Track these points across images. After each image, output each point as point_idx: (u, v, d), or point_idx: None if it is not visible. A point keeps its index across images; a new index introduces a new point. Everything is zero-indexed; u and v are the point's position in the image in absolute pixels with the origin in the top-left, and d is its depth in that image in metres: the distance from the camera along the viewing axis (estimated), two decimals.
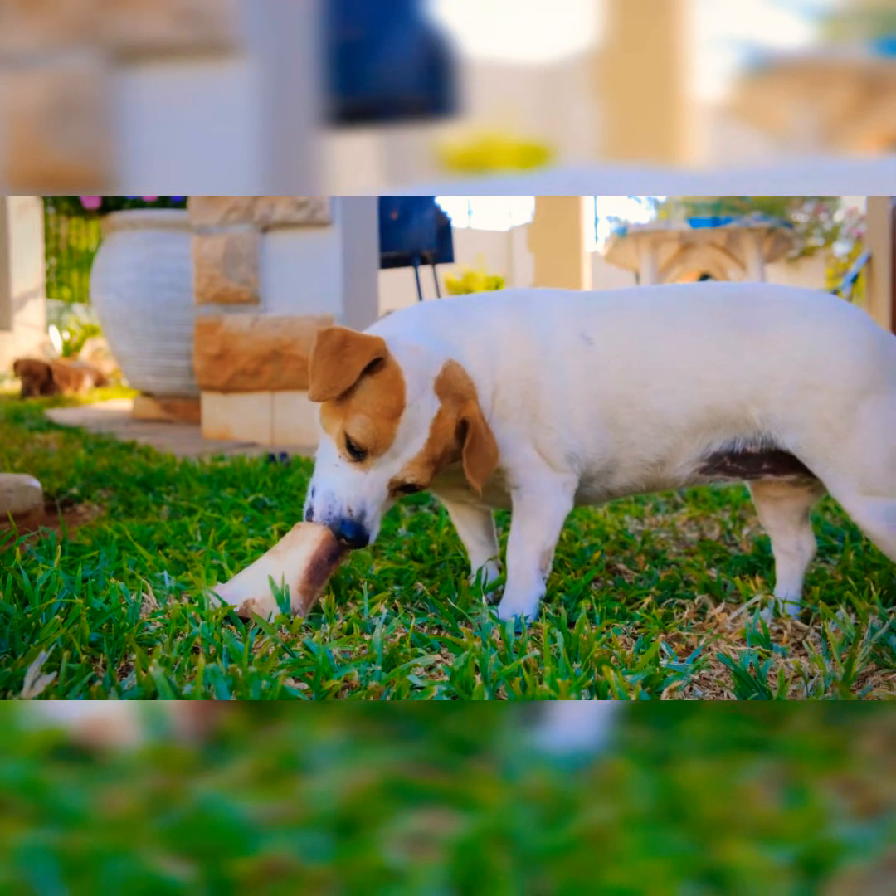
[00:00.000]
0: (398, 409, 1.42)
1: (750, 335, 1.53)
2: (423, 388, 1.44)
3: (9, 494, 2.24)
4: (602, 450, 1.60)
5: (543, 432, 1.57)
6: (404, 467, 1.44)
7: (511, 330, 1.58)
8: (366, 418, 1.41)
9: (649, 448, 1.59)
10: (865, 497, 1.48)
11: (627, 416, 1.57)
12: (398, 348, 1.46)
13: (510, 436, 1.57)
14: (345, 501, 1.44)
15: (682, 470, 1.61)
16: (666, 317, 1.59)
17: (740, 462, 1.59)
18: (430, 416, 1.44)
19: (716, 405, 1.54)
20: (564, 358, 1.56)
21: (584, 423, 1.57)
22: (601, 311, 1.63)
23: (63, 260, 12.72)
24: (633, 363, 1.56)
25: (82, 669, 1.15)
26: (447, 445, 1.47)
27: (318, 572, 1.45)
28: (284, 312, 4.65)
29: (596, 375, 1.56)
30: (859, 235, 12.39)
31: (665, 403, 1.55)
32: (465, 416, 1.47)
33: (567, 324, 1.59)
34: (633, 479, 1.63)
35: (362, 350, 1.42)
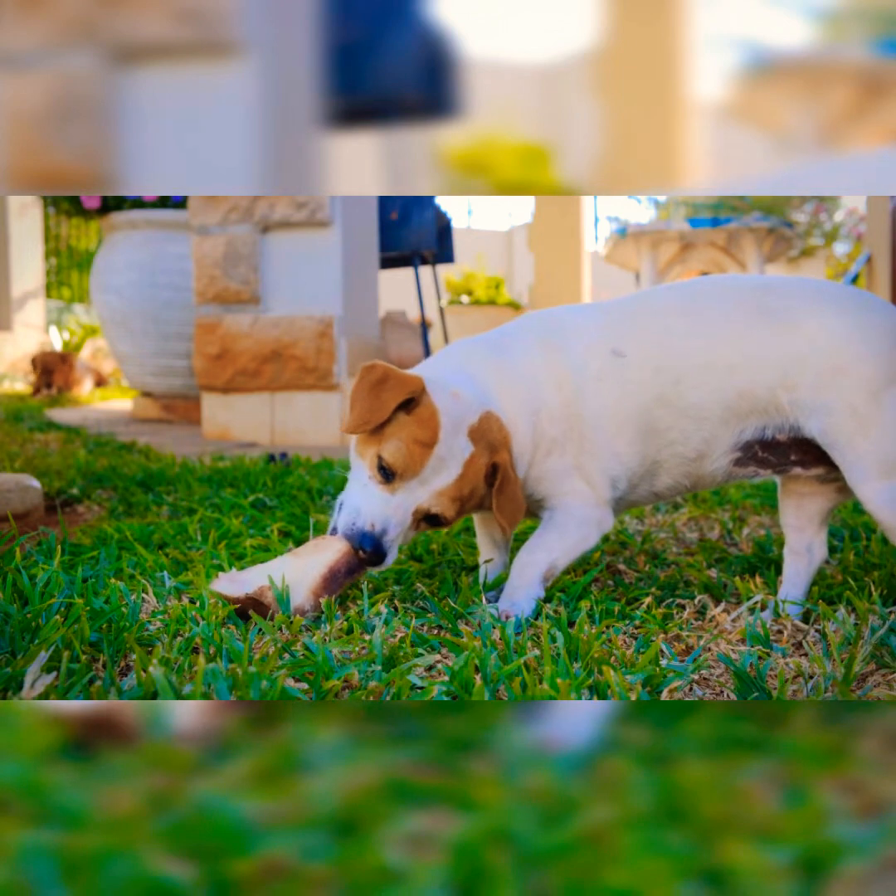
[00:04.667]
0: (431, 442, 1.47)
1: (779, 321, 1.55)
2: (457, 433, 1.49)
3: (9, 494, 2.24)
4: (643, 458, 1.64)
5: (588, 460, 1.61)
6: (431, 497, 1.49)
7: (548, 369, 1.61)
8: (400, 443, 1.46)
9: (688, 443, 1.62)
10: (882, 482, 1.50)
11: (665, 416, 1.60)
12: (439, 392, 1.50)
13: (556, 469, 1.62)
14: (369, 517, 1.47)
15: (719, 461, 1.63)
16: (691, 310, 1.62)
17: (770, 452, 1.62)
18: (462, 456, 1.50)
19: (747, 391, 1.57)
20: (601, 382, 1.60)
21: (626, 441, 1.61)
22: (626, 318, 1.65)
23: (63, 260, 12.71)
24: (664, 363, 1.59)
25: (82, 669, 1.15)
26: (475, 487, 1.51)
27: (334, 581, 1.48)
28: (284, 312, 4.65)
29: (632, 388, 1.60)
30: (859, 235, 12.39)
31: (700, 396, 1.59)
32: (497, 460, 1.52)
33: (597, 345, 1.62)
34: (677, 478, 1.67)
35: (399, 387, 1.46)
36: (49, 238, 12.14)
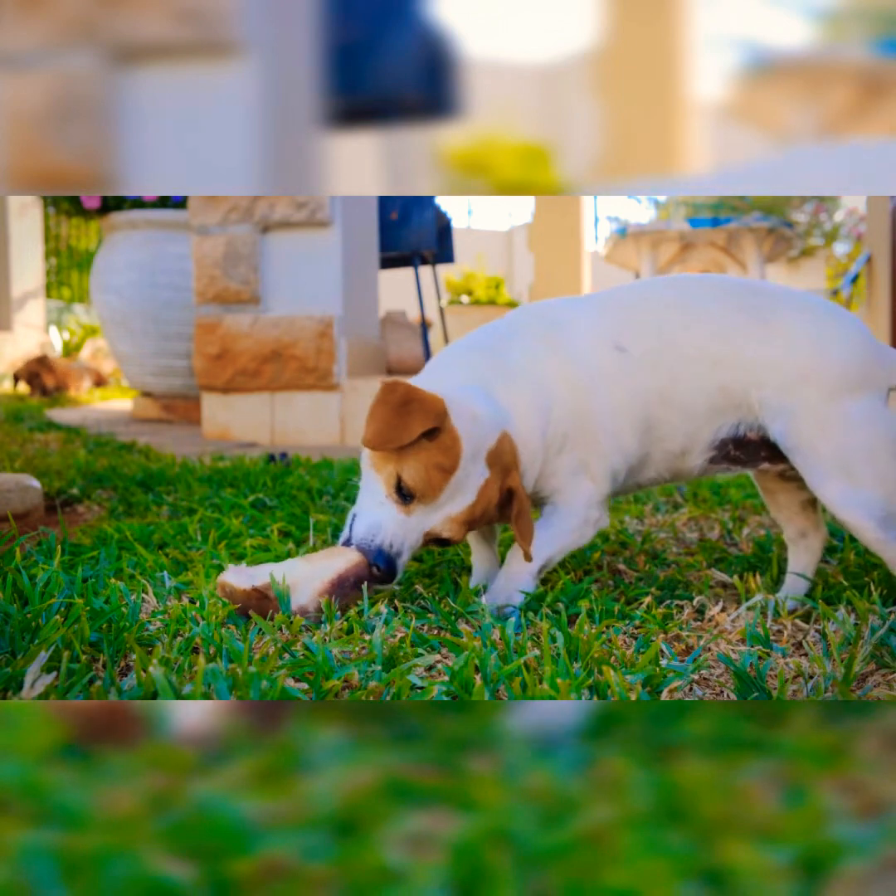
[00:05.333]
0: (452, 468, 1.48)
1: (760, 322, 1.60)
2: (477, 459, 1.51)
3: (9, 494, 2.24)
4: (641, 452, 1.66)
5: (594, 457, 1.63)
6: (443, 521, 1.50)
7: (554, 366, 1.62)
8: (420, 466, 1.47)
9: (675, 439, 1.65)
10: (844, 483, 1.53)
11: (661, 411, 1.63)
12: (460, 415, 1.51)
13: (565, 466, 1.63)
14: (388, 536, 1.49)
15: (698, 458, 1.67)
16: (685, 305, 1.64)
17: (742, 450, 1.65)
18: (478, 483, 1.51)
19: (727, 387, 1.60)
20: (607, 379, 1.62)
21: (629, 434, 1.64)
22: (624, 311, 1.66)
23: (63, 260, 12.71)
24: (661, 358, 1.62)
25: (82, 669, 1.15)
26: (487, 510, 1.53)
27: (340, 589, 1.49)
28: (284, 312, 4.65)
29: (635, 384, 1.62)
30: (859, 235, 12.38)
31: (691, 391, 1.61)
32: (511, 485, 1.54)
33: (601, 341, 1.63)
34: (661, 472, 1.70)
35: (424, 413, 1.47)
36: (49, 238, 12.14)
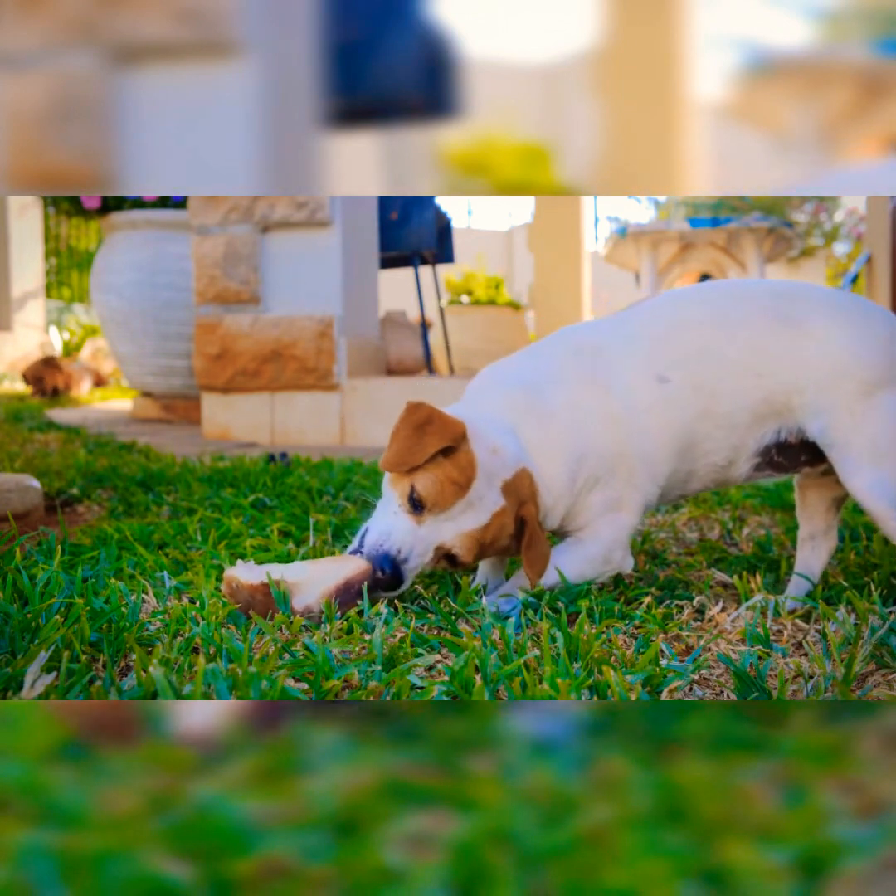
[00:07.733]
0: (465, 485, 1.50)
1: (794, 327, 1.62)
2: (491, 486, 1.52)
3: (9, 494, 2.24)
4: (676, 472, 1.67)
5: (631, 491, 1.64)
6: (455, 536, 1.52)
7: (596, 412, 1.62)
8: (434, 477, 1.49)
9: (721, 452, 1.66)
10: (872, 471, 1.57)
11: (703, 429, 1.64)
12: (480, 445, 1.53)
13: (597, 502, 1.64)
14: (397, 543, 1.51)
15: (743, 466, 1.68)
16: (722, 322, 1.65)
17: (784, 455, 1.68)
18: (492, 508, 1.53)
19: (770, 395, 1.63)
20: (649, 413, 1.62)
21: (665, 464, 1.65)
22: (663, 337, 1.66)
23: (63, 260, 12.71)
24: (703, 379, 1.63)
25: (82, 669, 1.15)
26: (499, 538, 1.55)
27: (346, 593, 1.49)
28: (284, 312, 4.65)
29: (676, 411, 1.63)
30: (859, 235, 12.39)
31: (734, 404, 1.63)
32: (524, 514, 1.55)
33: (643, 375, 1.64)
34: (706, 483, 1.72)
35: (441, 433, 1.49)
36: (49, 238, 12.15)
